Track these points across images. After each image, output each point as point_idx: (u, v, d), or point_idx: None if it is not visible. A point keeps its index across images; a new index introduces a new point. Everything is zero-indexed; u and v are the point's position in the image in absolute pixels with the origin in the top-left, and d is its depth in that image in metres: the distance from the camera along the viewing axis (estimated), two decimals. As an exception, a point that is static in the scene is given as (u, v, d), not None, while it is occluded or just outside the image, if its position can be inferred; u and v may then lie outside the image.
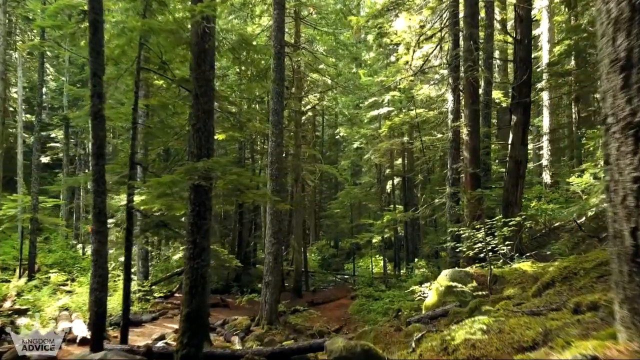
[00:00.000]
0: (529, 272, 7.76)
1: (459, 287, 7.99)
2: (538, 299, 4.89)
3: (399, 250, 26.33)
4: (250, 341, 12.17)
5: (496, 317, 4.15)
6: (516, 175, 11.74)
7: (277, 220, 13.88)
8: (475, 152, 12.16)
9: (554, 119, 23.06)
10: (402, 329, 7.12)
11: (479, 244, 8.33)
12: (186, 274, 6.55)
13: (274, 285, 13.71)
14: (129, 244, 8.64)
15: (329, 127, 40.77)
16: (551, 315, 3.52)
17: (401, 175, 25.50)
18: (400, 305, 14.78)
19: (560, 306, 3.98)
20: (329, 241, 37.46)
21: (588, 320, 2.98)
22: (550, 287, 5.28)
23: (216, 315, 15.85)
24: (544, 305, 4.28)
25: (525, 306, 4.46)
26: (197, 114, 6.73)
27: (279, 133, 13.90)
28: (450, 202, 12.38)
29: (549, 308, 3.99)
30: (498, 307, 4.95)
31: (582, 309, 3.33)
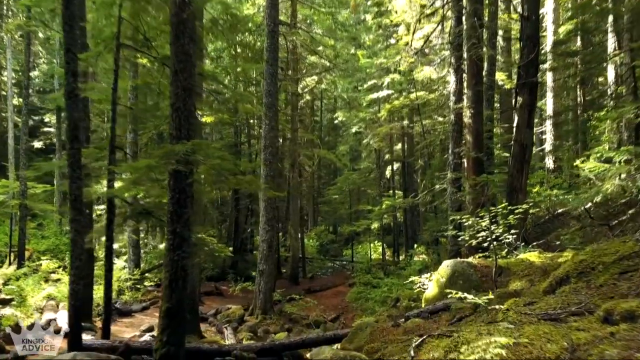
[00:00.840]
0: (536, 263, 7.24)
1: (461, 280, 7.48)
2: (552, 297, 4.36)
3: (398, 236, 25.88)
4: (243, 332, 11.75)
5: (508, 320, 3.62)
6: (521, 160, 11.16)
7: (272, 207, 13.35)
8: (479, 135, 11.57)
9: (558, 102, 22.41)
10: (400, 325, 6.63)
11: (482, 233, 7.80)
12: (166, 267, 6.02)
13: (269, 273, 13.24)
14: (110, 233, 8.10)
15: (328, 112, 40.08)
16: (574, 323, 2.98)
17: (401, 160, 24.92)
18: (399, 294, 14.32)
19: (581, 309, 3.45)
20: (327, 226, 37.02)
21: (625, 334, 2.45)
22: (565, 284, 4.75)
23: (210, 304, 15.42)
24: (561, 306, 3.75)
25: (539, 307, 3.93)
26: (176, 91, 6.13)
27: (272, 116, 13.29)
28: (452, 188, 11.83)
29: (569, 311, 3.46)
30: (507, 307, 4.42)
31: (614, 318, 2.79)
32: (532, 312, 3.75)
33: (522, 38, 11.33)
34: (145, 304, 13.75)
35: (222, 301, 15.61)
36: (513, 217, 7.54)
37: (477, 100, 11.60)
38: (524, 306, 4.26)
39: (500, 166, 15.35)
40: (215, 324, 12.24)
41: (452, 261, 7.88)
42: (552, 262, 7.03)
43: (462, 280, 7.44)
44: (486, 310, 5.50)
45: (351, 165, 33.22)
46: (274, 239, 13.47)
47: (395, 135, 24.45)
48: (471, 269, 7.55)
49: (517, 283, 6.63)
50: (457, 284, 7.50)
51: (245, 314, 13.11)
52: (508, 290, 6.39)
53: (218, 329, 11.92)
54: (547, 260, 7.25)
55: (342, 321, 14.32)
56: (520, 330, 3.10)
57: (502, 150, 19.57)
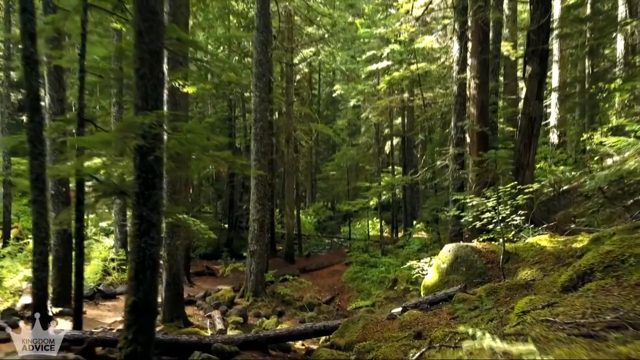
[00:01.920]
0: (547, 248, 6.55)
1: (464, 266, 6.82)
2: (576, 297, 3.66)
3: (396, 213, 25.27)
4: (232, 316, 11.18)
5: (527, 334, 2.92)
6: (529, 134, 10.38)
7: (262, 184, 12.62)
8: (484, 107, 10.76)
9: (564, 74, 21.44)
10: (396, 317, 5.97)
11: (487, 214, 7.10)
12: (131, 255, 5.32)
13: (260, 254, 12.61)
14: (80, 215, 7.39)
15: (327, 85, 39.01)
16: (621, 347, 2.29)
17: (401, 135, 24.07)
18: (397, 275, 13.75)
19: (620, 319, 2.75)
20: (326, 202, 36.36)
21: None
22: (589, 279, 4.06)
23: (200, 285, 14.86)
24: (592, 312, 3.05)
25: (563, 312, 3.23)
26: (141, 55, 5.31)
27: (263, 87, 12.43)
28: (454, 165, 11.09)
29: (605, 322, 2.76)
30: (522, 309, 3.73)
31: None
32: (557, 320, 3.05)
33: (533, 1, 10.41)
34: (131, 285, 13.15)
35: (214, 282, 15.05)
36: (522, 197, 6.83)
37: (483, 69, 10.75)
38: (543, 308, 3.56)
39: (504, 141, 14.56)
40: (204, 307, 11.67)
41: (455, 245, 7.19)
42: (566, 248, 6.34)
43: (465, 267, 6.77)
44: (495, 307, 4.84)
45: (350, 140, 32.35)
46: (265, 218, 12.79)
47: (395, 109, 23.54)
48: (475, 254, 6.87)
49: (527, 271, 5.95)
50: (459, 270, 6.85)
51: (235, 296, 12.53)
52: (518, 280, 5.72)
53: (206, 312, 11.35)
54: (559, 245, 6.56)
55: (337, 303, 13.79)
56: (549, 352, 2.40)
57: (506, 125, 18.76)
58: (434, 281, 7.20)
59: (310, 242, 26.42)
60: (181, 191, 9.71)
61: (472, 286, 6.48)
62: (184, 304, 10.13)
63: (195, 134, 5.49)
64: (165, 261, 9.73)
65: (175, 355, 6.86)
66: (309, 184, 36.98)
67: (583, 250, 5.78)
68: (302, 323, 11.50)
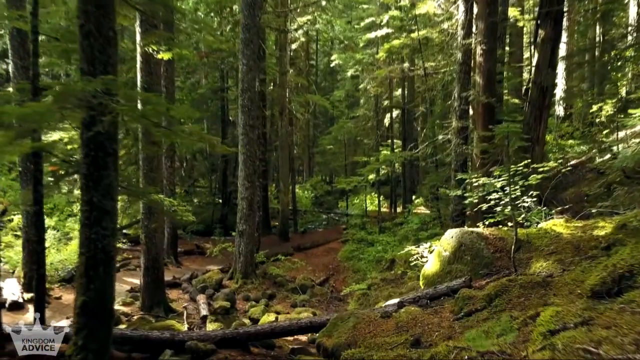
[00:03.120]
0: (564, 235, 5.77)
1: (469, 255, 6.05)
2: (617, 311, 2.88)
3: (395, 188, 24.50)
4: (219, 300, 10.50)
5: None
6: (540, 106, 9.50)
7: (251, 160, 11.78)
8: (491, 76, 9.83)
9: (572, 42, 20.34)
10: (391, 315, 5.24)
11: (495, 195, 6.30)
12: (81, 248, 4.54)
13: (249, 234, 11.88)
14: (39, 196, 6.60)
15: (324, 55, 37.76)
16: None
17: (400, 107, 23.08)
18: (394, 255, 13.08)
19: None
20: (324, 177, 35.57)
21: None
22: (629, 285, 3.28)
23: (188, 265, 14.20)
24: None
25: (608, 341, 2.45)
26: (85, 8, 4.40)
27: (251, 54, 11.45)
28: (457, 140, 10.22)
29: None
30: (548, 327, 2.95)
31: None
32: (601, 353, 2.27)
33: (548, -43, 9.36)
34: (114, 266, 12.47)
35: (203, 261, 14.38)
36: (536, 177, 6.01)
37: (491, 34, 9.76)
38: (576, 327, 2.79)
39: (510, 114, 13.63)
40: (189, 290, 11.01)
41: (458, 231, 6.41)
42: (586, 235, 5.56)
43: (470, 256, 6.01)
44: (508, 310, 4.07)
45: (348, 112, 31.32)
46: (255, 196, 12.01)
47: (394, 79, 22.47)
48: (481, 241, 6.09)
49: (542, 263, 5.19)
50: (463, 259, 6.09)
51: (224, 278, 11.87)
52: (532, 274, 4.96)
53: (192, 296, 10.70)
54: (577, 232, 5.78)
55: (332, 284, 13.15)
56: None
57: (511, 96, 17.79)
58: (434, 270, 6.46)
59: (306, 218, 25.75)
60: (158, 168, 8.89)
61: (478, 278, 5.73)
62: (164, 289, 9.45)
63: (156, 105, 4.63)
64: (143, 244, 9.00)
65: (147, 351, 6.18)
66: (306, 158, 36.12)
67: (609, 239, 5.00)
68: (293, 307, 10.89)
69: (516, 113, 13.60)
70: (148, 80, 8.60)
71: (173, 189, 13.71)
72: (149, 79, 8.62)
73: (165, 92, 13.51)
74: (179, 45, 7.64)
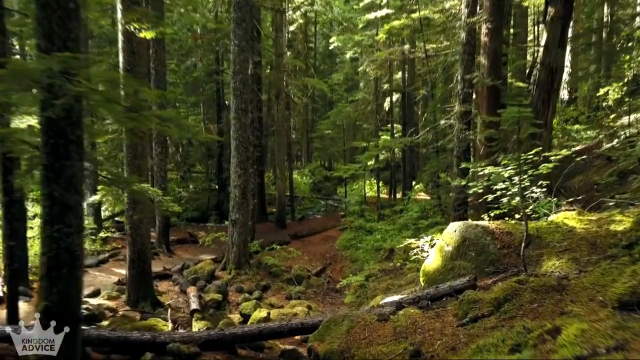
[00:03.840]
0: (577, 230, 5.29)
1: (474, 251, 5.58)
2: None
3: (395, 173, 23.99)
4: (210, 293, 10.10)
5: None
6: (548, 89, 8.96)
7: (244, 146, 11.26)
8: (496, 57, 9.26)
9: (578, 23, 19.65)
10: (389, 319, 4.79)
11: (501, 185, 5.80)
12: (43, 247, 4.07)
13: (243, 223, 11.42)
14: (9, 186, 6.13)
15: (323, 38, 36.91)
16: None
17: (401, 90, 22.45)
18: (393, 244, 12.65)
19: None
20: (323, 162, 35.04)
21: None
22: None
23: (181, 255, 13.78)
24: None
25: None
26: (40, -24, 3.87)
27: (243, 34, 10.85)
28: (460, 125, 9.68)
29: None
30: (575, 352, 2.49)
31: None
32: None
33: None
34: (103, 256, 12.05)
35: (196, 250, 13.96)
36: (547, 165, 5.50)
37: (497, 12, 9.15)
38: (609, 352, 2.32)
39: (514, 97, 13.07)
40: (180, 282, 10.58)
41: (462, 224, 5.93)
42: (602, 230, 5.09)
43: (475, 252, 5.54)
44: (520, 318, 3.61)
45: (347, 96, 30.66)
46: (248, 184, 11.51)
47: (394, 62, 21.80)
48: (487, 236, 5.61)
49: (555, 262, 4.72)
50: (467, 255, 5.62)
51: (216, 268, 11.44)
52: (544, 274, 4.49)
53: (182, 288, 10.28)
54: (592, 226, 5.30)
55: (329, 274, 12.74)
56: None
57: (515, 79, 17.18)
58: (436, 266, 6.00)
59: (304, 204, 25.31)
60: (143, 156, 8.37)
61: (483, 277, 5.27)
62: (152, 281, 9.01)
63: (127, 86, 4.11)
64: (129, 235, 8.53)
65: (126, 353, 5.75)
66: (305, 143, 35.54)
67: (630, 236, 4.53)
68: (288, 299, 10.49)
69: (521, 97, 13.05)
70: (131, 60, 8.04)
71: (164, 176, 13.21)
72: (132, 59, 8.06)
73: (154, 74, 12.95)
74: (163, 24, 7.09)
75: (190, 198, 23.21)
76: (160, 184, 13.09)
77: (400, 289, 9.75)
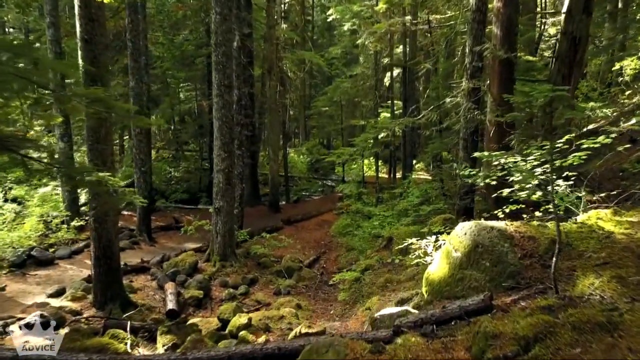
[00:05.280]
0: (617, 235, 4.30)
1: (488, 260, 4.61)
2: None
3: (395, 152, 22.93)
4: (191, 289, 9.24)
5: None
6: (570, 61, 7.87)
7: (228, 127, 10.20)
8: (511, 25, 8.12)
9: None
10: (384, 349, 3.83)
11: (518, 176, 4.80)
12: None
13: (228, 211, 10.45)
14: None
15: (322, 11, 35.37)
16: None
17: (402, 65, 21.18)
18: (392, 232, 11.72)
19: None
20: (322, 139, 33.89)
21: None
22: None
23: (164, 243, 12.85)
24: None
25: None
26: None
27: (226, 1, 9.67)
28: (468, 103, 8.59)
29: None
30: None
31: None
32: None
33: None
34: (77, 246, 11.11)
35: (181, 238, 13.03)
36: (579, 155, 4.48)
37: (513, -28, 7.99)
38: None
39: (525, 72, 11.91)
40: (158, 276, 9.66)
41: (473, 226, 4.92)
42: (649, 237, 4.09)
43: (490, 262, 4.57)
44: None
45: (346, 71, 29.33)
46: (233, 168, 10.47)
47: (395, 35, 20.49)
48: (505, 241, 4.62)
49: (593, 280, 3.74)
50: (480, 265, 4.65)
51: (199, 260, 10.52)
52: (580, 298, 3.52)
53: (160, 283, 9.38)
54: (635, 231, 4.31)
55: (322, 265, 11.84)
56: None
57: (525, 52, 15.96)
58: (442, 275, 5.03)
59: (300, 185, 24.34)
60: (107, 140, 7.33)
61: (500, 292, 4.31)
62: (121, 279, 8.07)
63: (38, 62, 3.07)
64: (92, 229, 7.56)
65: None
66: (302, 120, 34.35)
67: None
68: (277, 295, 9.62)
69: (532, 71, 11.90)
70: (89, 29, 6.93)
71: (145, 158, 12.14)
72: (91, 27, 6.94)
73: (131, 46, 11.80)
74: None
75: (181, 178, 22.22)
76: (140, 167, 12.08)
77: (399, 285, 8.83)
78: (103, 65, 7.15)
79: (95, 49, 7.00)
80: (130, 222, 13.59)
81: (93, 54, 6.99)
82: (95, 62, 6.99)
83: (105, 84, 7.18)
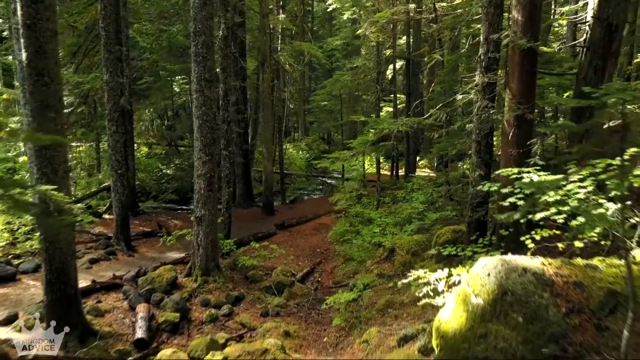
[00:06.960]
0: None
1: (520, 314, 3.48)
2: None
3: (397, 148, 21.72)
4: (167, 310, 8.17)
5: None
6: (604, 52, 6.70)
7: (209, 126, 9.08)
8: (535, 9, 6.90)
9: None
10: None
11: (552, 195, 3.69)
12: None
13: (210, 221, 9.35)
14: None
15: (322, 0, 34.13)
16: None
17: (405, 57, 19.96)
18: (394, 242, 10.61)
19: None
20: (322, 134, 32.70)
21: None
22: None
23: (144, 253, 11.77)
24: None
25: None
26: None
27: (205, -17, 8.50)
28: (482, 101, 7.43)
29: None
30: None
31: None
32: None
33: None
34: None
35: (164, 247, 11.89)
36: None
37: (537, -54, 6.79)
38: None
39: (544, 64, 10.72)
40: (130, 295, 8.57)
41: (499, 264, 3.79)
42: None
43: (523, 317, 3.44)
44: None
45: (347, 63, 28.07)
46: (214, 173, 9.35)
47: (398, 25, 19.25)
48: (543, 290, 3.49)
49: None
50: (510, 319, 3.53)
51: (179, 275, 9.43)
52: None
53: (132, 304, 8.30)
54: None
55: (317, 278, 10.78)
56: None
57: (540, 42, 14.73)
58: (458, 327, 3.91)
59: (298, 183, 23.23)
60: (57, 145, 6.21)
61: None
62: (79, 306, 6.98)
63: None
64: (43, 251, 6.48)
65: None
66: (301, 114, 33.18)
67: None
68: (264, 316, 8.56)
69: (553, 64, 10.71)
70: (32, 12, 5.80)
71: (120, 160, 10.99)
72: (34, 10, 5.81)
73: (104, 36, 10.65)
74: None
75: (173, 176, 21.14)
76: (116, 169, 10.96)
77: (402, 310, 7.73)
78: (51, 56, 6.02)
79: (40, 37, 5.88)
80: (110, 228, 12.50)
81: (38, 43, 5.87)
82: (41, 52, 5.87)
83: (54, 79, 6.05)
